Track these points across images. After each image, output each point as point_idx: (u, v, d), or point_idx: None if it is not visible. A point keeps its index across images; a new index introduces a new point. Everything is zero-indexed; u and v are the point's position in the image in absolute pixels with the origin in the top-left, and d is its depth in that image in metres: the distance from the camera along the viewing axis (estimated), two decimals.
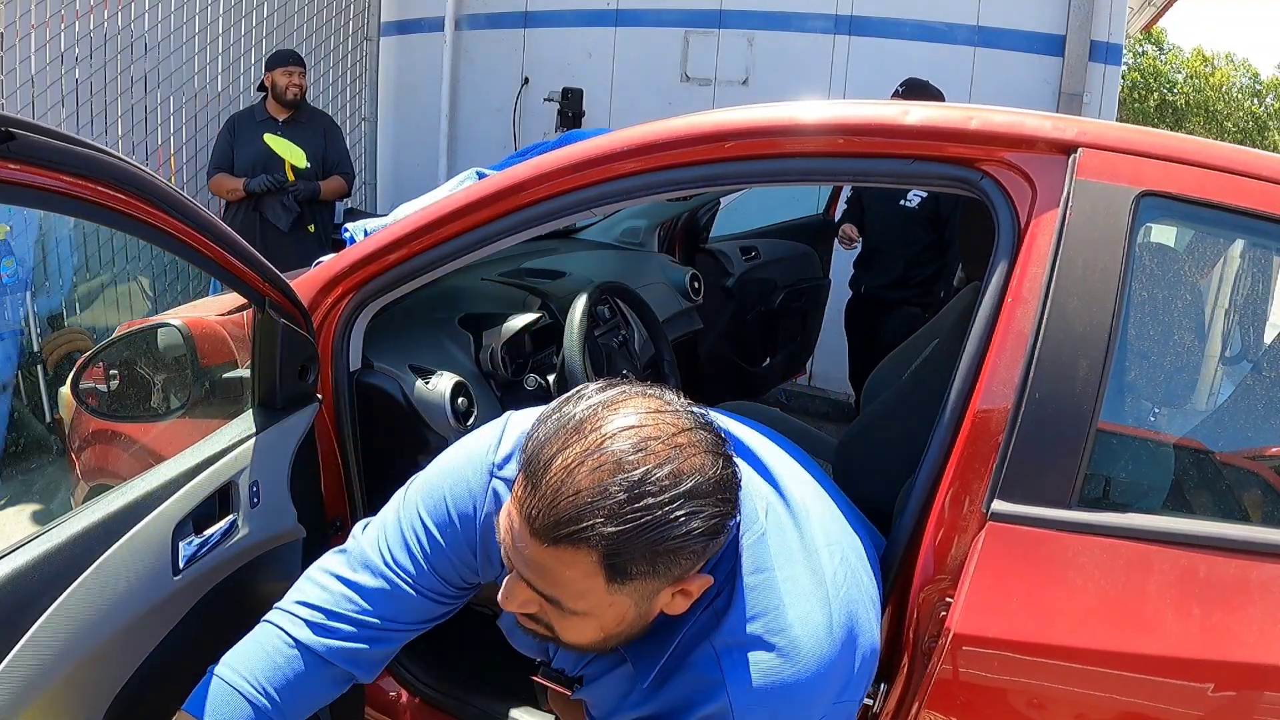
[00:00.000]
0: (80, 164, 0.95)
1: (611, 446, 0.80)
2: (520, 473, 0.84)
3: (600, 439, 0.81)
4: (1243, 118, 22.93)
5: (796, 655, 0.91)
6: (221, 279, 1.24)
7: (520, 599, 0.88)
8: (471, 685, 1.82)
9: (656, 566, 0.83)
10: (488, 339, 1.89)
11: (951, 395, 1.18)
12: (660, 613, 0.90)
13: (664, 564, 0.83)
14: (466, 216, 1.51)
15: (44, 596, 1.00)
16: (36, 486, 2.51)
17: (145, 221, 1.07)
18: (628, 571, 0.82)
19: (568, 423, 0.83)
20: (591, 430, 0.82)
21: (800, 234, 3.77)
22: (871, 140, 1.32)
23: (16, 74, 3.98)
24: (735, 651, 0.91)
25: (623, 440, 0.81)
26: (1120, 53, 4.49)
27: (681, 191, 1.43)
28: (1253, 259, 1.46)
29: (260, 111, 4.12)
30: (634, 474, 0.79)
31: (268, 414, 1.40)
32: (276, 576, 1.40)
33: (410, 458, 1.75)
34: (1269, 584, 1.08)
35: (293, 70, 4.06)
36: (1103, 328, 1.13)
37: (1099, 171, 1.19)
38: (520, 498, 0.83)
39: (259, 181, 3.89)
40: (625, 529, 0.79)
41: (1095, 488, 1.20)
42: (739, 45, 4.89)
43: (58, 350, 3.61)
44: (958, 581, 1.09)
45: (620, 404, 0.85)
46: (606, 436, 0.81)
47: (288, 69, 4.05)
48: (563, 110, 5.08)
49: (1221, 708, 1.06)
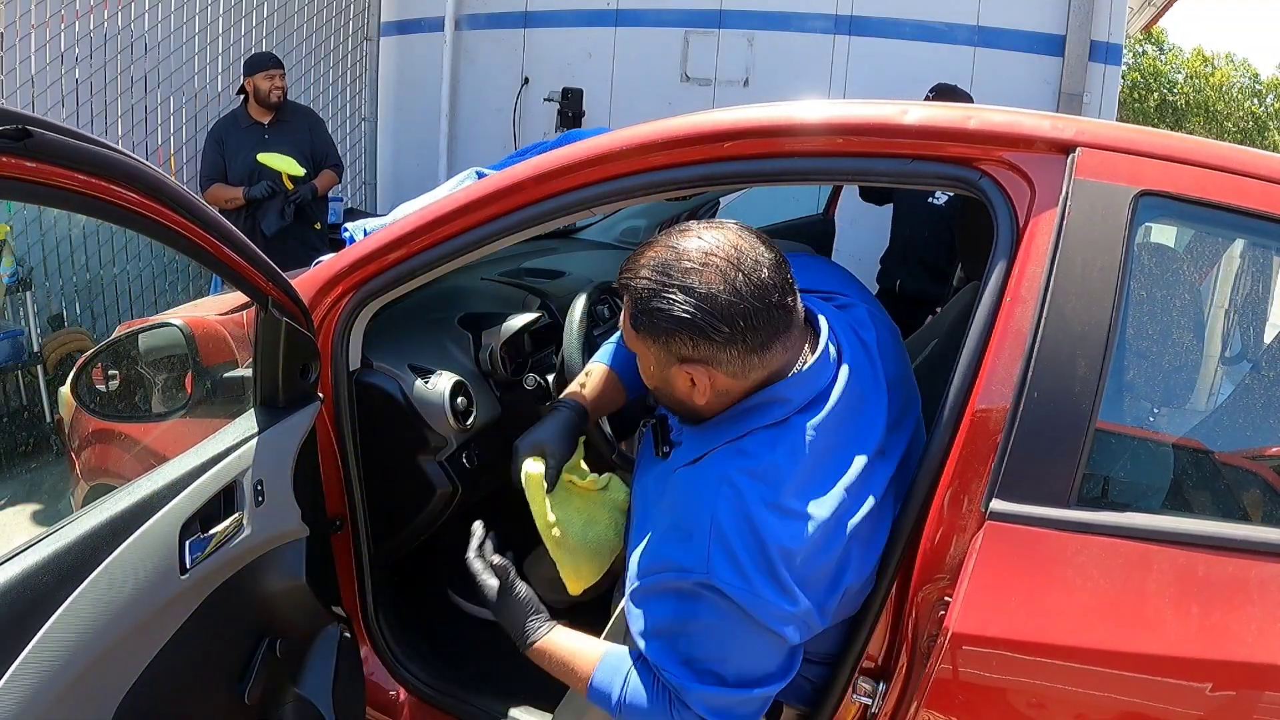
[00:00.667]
0: (95, 163, 0.95)
1: (678, 244, 1.12)
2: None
3: (679, 238, 1.13)
4: (1243, 118, 22.92)
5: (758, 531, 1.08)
6: (226, 277, 1.24)
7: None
8: (471, 685, 1.82)
9: (655, 329, 1.12)
10: (487, 339, 1.89)
11: (950, 395, 1.18)
12: (691, 400, 1.16)
13: (659, 329, 1.11)
14: (466, 216, 1.51)
15: (53, 597, 1.00)
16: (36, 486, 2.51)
17: (155, 220, 1.07)
18: (639, 321, 1.13)
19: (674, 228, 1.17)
20: (680, 233, 1.14)
21: (800, 234, 3.77)
22: (870, 140, 1.32)
23: (16, 74, 3.98)
24: (733, 486, 1.10)
25: (687, 241, 1.12)
26: (1120, 53, 4.49)
27: (681, 191, 1.44)
28: (1252, 259, 1.46)
29: (244, 117, 4.09)
30: (670, 260, 1.11)
31: (270, 413, 1.41)
32: (280, 575, 1.40)
33: (410, 457, 1.76)
34: (1267, 583, 1.08)
35: (274, 73, 4.03)
36: (1101, 327, 1.13)
37: (1098, 171, 1.19)
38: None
39: (260, 188, 3.89)
40: (639, 284, 1.12)
41: (1094, 487, 1.20)
42: (739, 45, 4.89)
43: (58, 350, 3.61)
44: (956, 581, 1.09)
45: (709, 229, 1.14)
46: (683, 236, 1.13)
47: (269, 73, 4.02)
48: (563, 110, 5.08)
49: (1220, 707, 1.06)
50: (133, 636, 1.12)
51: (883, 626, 1.20)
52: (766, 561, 1.07)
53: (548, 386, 1.82)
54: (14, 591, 0.96)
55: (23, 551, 1.00)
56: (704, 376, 1.13)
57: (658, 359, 1.16)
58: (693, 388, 1.15)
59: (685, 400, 1.18)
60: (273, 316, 1.33)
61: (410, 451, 1.75)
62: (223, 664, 1.33)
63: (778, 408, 1.14)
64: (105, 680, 1.09)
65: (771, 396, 1.14)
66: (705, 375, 1.13)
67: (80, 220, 3.65)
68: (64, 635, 1.00)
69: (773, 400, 1.14)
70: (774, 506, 1.08)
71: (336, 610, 1.59)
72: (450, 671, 1.83)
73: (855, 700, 1.21)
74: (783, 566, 1.07)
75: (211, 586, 1.27)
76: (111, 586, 1.07)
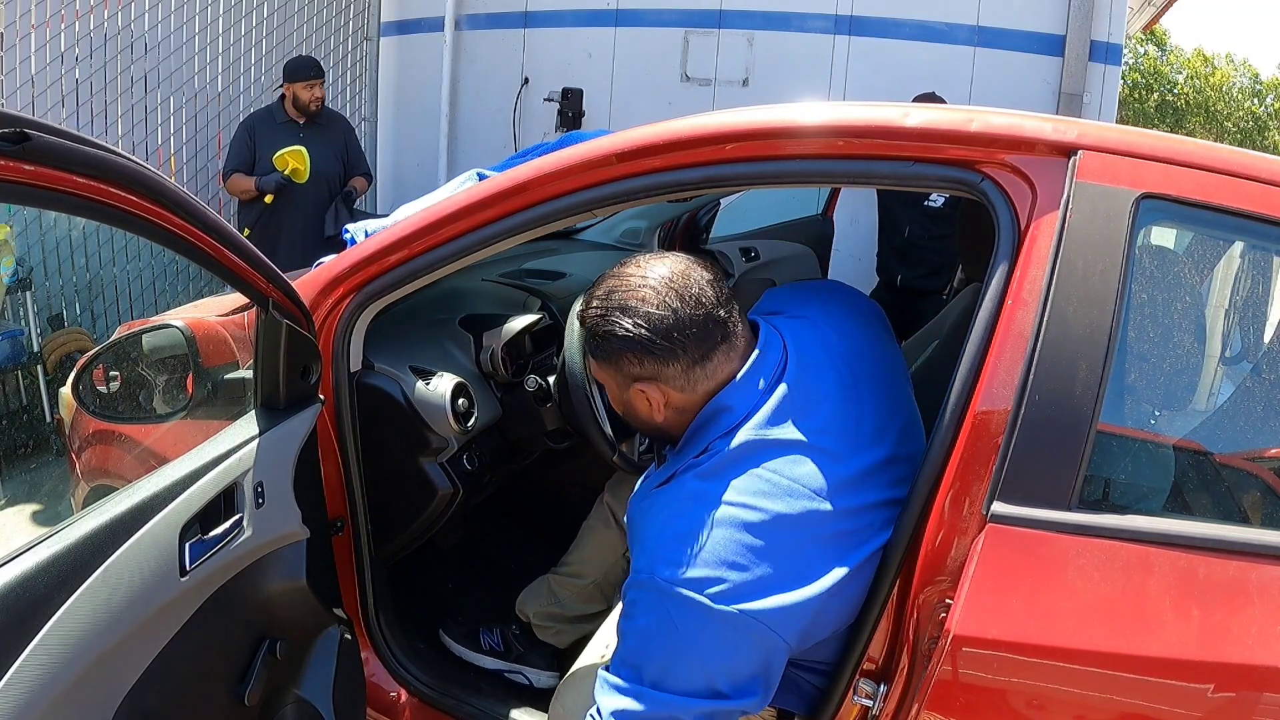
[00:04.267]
0: (93, 165, 0.94)
1: (620, 273, 1.22)
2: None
3: (621, 268, 1.23)
4: (1243, 118, 22.91)
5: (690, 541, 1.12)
6: (226, 279, 1.24)
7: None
8: (471, 685, 1.82)
9: (608, 353, 1.20)
10: (488, 340, 1.89)
11: (951, 397, 1.18)
12: (652, 419, 1.24)
13: (610, 351, 1.20)
14: (467, 218, 1.51)
15: (53, 599, 1.00)
16: (36, 487, 2.52)
17: (155, 223, 1.07)
18: (593, 346, 1.23)
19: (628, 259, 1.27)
20: (623, 264, 1.24)
21: (800, 234, 3.78)
22: (872, 142, 1.32)
23: (16, 74, 3.98)
24: (679, 491, 1.18)
25: (628, 269, 1.22)
26: (1120, 53, 4.50)
27: (682, 193, 1.44)
28: (1252, 261, 1.46)
29: (280, 113, 4.14)
30: (613, 287, 1.20)
31: (271, 415, 1.41)
32: (281, 577, 1.40)
33: (411, 458, 1.76)
34: (1268, 585, 1.08)
35: (314, 83, 4.08)
36: (1103, 330, 1.13)
37: (1099, 174, 1.19)
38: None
39: (270, 180, 3.91)
40: (590, 313, 1.22)
41: (1095, 489, 1.20)
42: (739, 45, 4.90)
43: (58, 350, 3.61)
44: (957, 583, 1.09)
45: (651, 259, 1.23)
46: (624, 266, 1.23)
47: (309, 82, 4.06)
48: (563, 110, 5.08)
49: (1220, 709, 1.06)
50: (133, 638, 1.12)
51: (883, 629, 1.20)
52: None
53: (549, 388, 1.82)
54: (14, 593, 0.96)
55: (23, 553, 1.00)
56: (656, 393, 1.21)
57: (616, 382, 1.24)
58: (650, 406, 1.23)
59: (648, 420, 1.25)
60: (274, 318, 1.33)
61: (411, 453, 1.75)
62: (223, 666, 1.33)
63: (725, 416, 1.19)
64: (105, 682, 1.09)
65: (718, 406, 1.20)
66: (658, 392, 1.21)
67: (80, 221, 3.65)
68: (64, 637, 1.00)
69: (719, 409, 1.20)
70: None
71: (337, 612, 1.59)
72: (450, 671, 1.83)
73: (856, 702, 1.21)
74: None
75: (212, 588, 1.27)
76: (111, 588, 1.07)
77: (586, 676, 1.51)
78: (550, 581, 2.00)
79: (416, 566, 2.12)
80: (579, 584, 1.97)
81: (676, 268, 1.20)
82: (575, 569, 1.98)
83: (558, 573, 2.00)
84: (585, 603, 1.97)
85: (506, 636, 1.96)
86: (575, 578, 1.97)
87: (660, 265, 1.21)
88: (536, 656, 1.95)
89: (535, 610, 1.97)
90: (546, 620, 1.97)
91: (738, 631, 1.09)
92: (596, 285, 1.24)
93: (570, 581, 1.97)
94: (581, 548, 1.99)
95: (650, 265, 1.21)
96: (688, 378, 1.19)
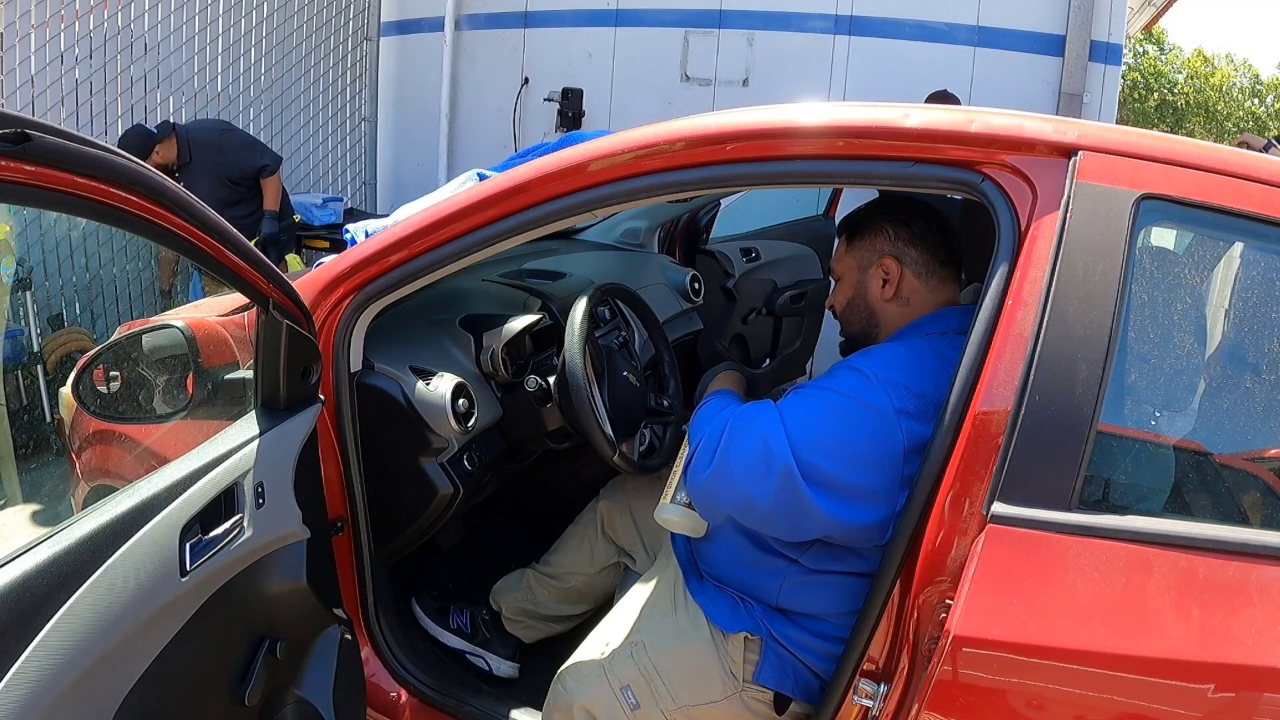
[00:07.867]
0: (93, 165, 0.94)
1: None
2: None
3: None
4: (1243, 118, 22.90)
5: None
6: (226, 280, 1.24)
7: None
8: (471, 685, 1.82)
9: (865, 229, 1.46)
10: (488, 340, 1.89)
11: (951, 397, 1.18)
12: (879, 302, 1.44)
13: (868, 228, 1.47)
14: (467, 218, 1.51)
15: (53, 599, 1.00)
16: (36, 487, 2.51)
17: (155, 223, 1.07)
18: (853, 231, 1.48)
19: None
20: None
21: (800, 235, 3.77)
22: (872, 143, 1.32)
23: (16, 74, 3.98)
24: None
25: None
26: (1120, 53, 4.50)
27: (682, 194, 1.44)
28: (1253, 262, 1.46)
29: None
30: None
31: (271, 415, 1.41)
32: (281, 577, 1.40)
33: (411, 459, 1.75)
34: (1268, 586, 1.08)
35: (160, 149, 4.07)
36: (1103, 330, 1.13)
37: (1099, 174, 1.19)
38: None
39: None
40: (856, 213, 1.49)
41: (1095, 490, 1.20)
42: (739, 45, 4.90)
43: (58, 350, 3.61)
44: (958, 584, 1.09)
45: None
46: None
47: (158, 148, 4.06)
48: (563, 110, 5.08)
49: (1221, 710, 1.06)
50: (133, 638, 1.12)
51: (884, 629, 1.20)
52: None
53: (549, 388, 1.82)
54: (14, 593, 0.96)
55: (24, 553, 1.00)
56: (895, 270, 1.43)
57: (859, 263, 1.46)
58: (884, 286, 1.43)
59: (874, 304, 1.45)
60: (274, 318, 1.33)
61: (411, 453, 1.75)
62: (223, 666, 1.33)
63: (940, 322, 1.39)
64: (105, 682, 1.09)
65: (939, 314, 1.42)
66: (897, 269, 1.43)
67: (80, 221, 3.65)
68: (64, 637, 1.00)
69: (938, 317, 1.41)
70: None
71: (337, 612, 1.59)
72: (450, 671, 1.83)
73: (856, 702, 1.21)
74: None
75: (212, 589, 1.27)
76: (111, 588, 1.07)
77: (586, 665, 1.52)
78: (529, 577, 2.01)
79: (416, 566, 2.12)
80: (557, 585, 1.98)
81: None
82: (554, 570, 1.99)
83: (537, 570, 2.01)
84: (559, 603, 1.99)
85: (475, 620, 1.98)
86: (553, 579, 1.99)
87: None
88: (500, 645, 1.97)
89: (509, 603, 1.99)
90: (518, 615, 1.99)
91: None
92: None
93: (549, 582, 1.99)
94: (565, 550, 2.00)
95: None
96: (925, 267, 1.43)
